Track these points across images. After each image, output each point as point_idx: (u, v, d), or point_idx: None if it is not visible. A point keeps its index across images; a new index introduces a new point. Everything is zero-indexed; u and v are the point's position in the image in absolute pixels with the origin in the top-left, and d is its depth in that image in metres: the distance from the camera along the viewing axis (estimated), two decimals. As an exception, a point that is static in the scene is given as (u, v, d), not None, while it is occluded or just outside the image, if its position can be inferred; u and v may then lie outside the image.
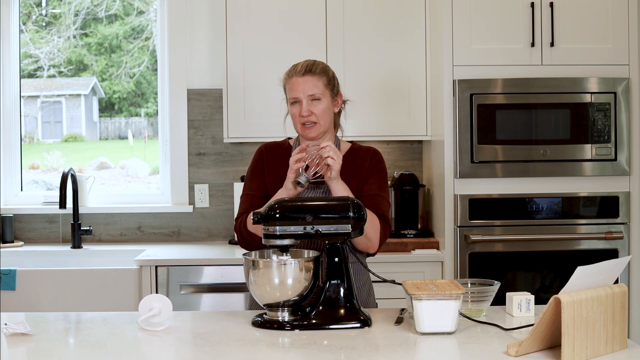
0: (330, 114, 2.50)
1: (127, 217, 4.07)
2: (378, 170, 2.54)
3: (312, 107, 2.46)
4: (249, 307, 2.56)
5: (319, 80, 2.47)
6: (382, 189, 2.52)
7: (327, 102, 2.48)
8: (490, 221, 3.46)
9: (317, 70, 2.47)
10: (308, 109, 2.45)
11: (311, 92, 2.45)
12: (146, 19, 4.40)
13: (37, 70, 4.40)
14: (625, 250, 3.49)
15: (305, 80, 2.46)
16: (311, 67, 2.48)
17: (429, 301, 2.00)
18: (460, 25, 3.46)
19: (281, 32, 3.72)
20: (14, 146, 4.15)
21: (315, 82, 2.46)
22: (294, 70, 2.49)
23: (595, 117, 3.46)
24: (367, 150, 2.58)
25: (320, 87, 2.47)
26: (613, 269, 1.90)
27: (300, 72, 2.47)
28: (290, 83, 2.48)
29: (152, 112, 4.48)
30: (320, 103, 2.47)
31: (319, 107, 2.46)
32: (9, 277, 3.41)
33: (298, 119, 2.48)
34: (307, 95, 2.45)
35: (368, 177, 2.51)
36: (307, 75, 2.46)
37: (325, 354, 1.89)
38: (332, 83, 2.50)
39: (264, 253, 2.28)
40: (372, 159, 2.55)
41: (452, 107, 3.46)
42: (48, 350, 1.97)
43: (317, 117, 2.46)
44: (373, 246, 2.43)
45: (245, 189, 2.57)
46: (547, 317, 1.80)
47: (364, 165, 2.52)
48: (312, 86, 2.45)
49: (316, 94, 2.46)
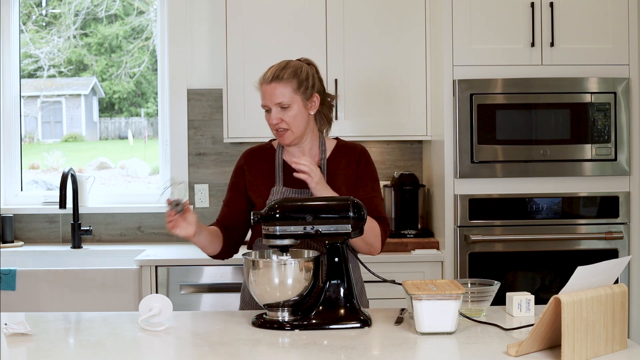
0: (302, 118, 2.44)
1: (127, 217, 4.07)
2: (368, 170, 2.52)
3: (282, 114, 2.42)
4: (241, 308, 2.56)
5: (286, 87, 2.40)
6: (375, 189, 2.51)
7: (298, 108, 2.42)
8: (490, 221, 3.46)
9: (285, 76, 2.41)
10: (277, 117, 2.41)
11: (278, 100, 2.41)
12: (146, 19, 4.40)
13: (37, 70, 4.40)
14: (625, 250, 3.49)
15: (272, 88, 2.41)
16: (279, 72, 2.41)
17: (429, 301, 2.00)
18: (460, 25, 3.46)
19: (281, 32, 3.72)
20: (14, 146, 4.15)
21: (282, 90, 2.40)
22: (263, 77, 2.45)
23: (595, 117, 3.46)
24: (353, 148, 2.55)
25: (288, 95, 2.40)
26: (613, 269, 1.90)
27: (267, 79, 2.43)
28: (261, 91, 2.46)
29: (152, 112, 4.48)
30: (289, 110, 2.42)
31: (289, 114, 2.41)
32: (9, 277, 3.41)
33: (271, 125, 2.45)
34: (275, 104, 2.41)
35: (360, 179, 2.50)
36: (274, 82, 2.41)
37: (325, 354, 1.89)
38: (303, 85, 2.43)
39: (264, 253, 2.28)
40: (360, 159, 2.52)
41: (452, 107, 3.46)
42: (48, 350, 1.97)
43: (287, 124, 2.42)
44: (375, 250, 2.44)
45: (226, 197, 2.60)
46: (547, 317, 1.80)
47: (352, 166, 2.50)
48: (279, 95, 2.40)
49: (283, 102, 2.41)
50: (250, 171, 2.54)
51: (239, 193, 2.56)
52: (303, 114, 2.45)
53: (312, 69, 2.52)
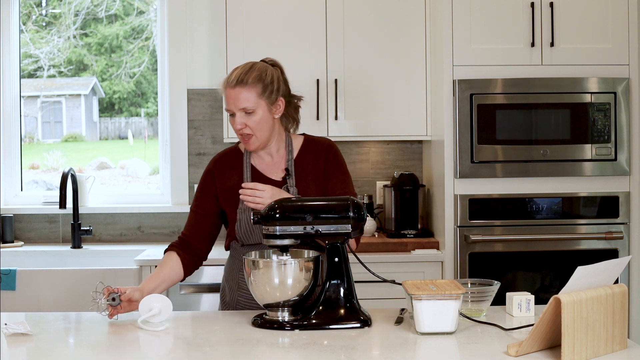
0: (267, 123, 2.41)
1: (127, 217, 4.07)
2: (337, 165, 2.50)
3: (246, 119, 2.38)
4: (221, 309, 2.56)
5: (251, 91, 2.36)
6: (345, 182, 2.49)
7: (263, 112, 2.39)
8: (490, 221, 3.46)
9: (250, 80, 2.36)
10: (241, 122, 2.38)
11: (242, 105, 2.36)
12: (146, 19, 4.40)
13: (37, 70, 4.40)
14: (625, 250, 3.49)
15: (237, 93, 2.36)
16: (244, 76, 2.37)
17: (429, 301, 2.00)
18: (460, 25, 3.46)
19: (281, 31, 3.72)
20: (14, 146, 4.15)
21: (246, 95, 2.36)
22: (227, 81, 2.40)
23: (595, 117, 3.46)
24: (320, 143, 2.53)
25: (252, 100, 2.36)
26: (613, 269, 1.90)
27: (232, 83, 2.37)
28: (225, 94, 2.41)
29: (152, 112, 4.48)
30: (254, 115, 2.38)
31: (253, 119, 2.38)
32: (9, 277, 3.41)
33: (236, 129, 2.41)
34: (239, 109, 2.37)
35: (329, 176, 2.48)
36: (238, 86, 2.36)
37: (325, 354, 1.89)
38: (268, 90, 2.39)
39: (264, 253, 2.28)
40: (327, 155, 2.49)
41: (452, 107, 3.46)
42: (48, 350, 1.97)
43: (252, 129, 2.39)
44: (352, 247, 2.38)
45: (194, 204, 2.54)
46: (547, 317, 1.80)
47: (320, 164, 2.48)
48: (243, 100, 2.36)
49: (248, 107, 2.36)
50: (220, 178, 2.50)
51: (209, 198, 2.51)
52: (268, 119, 2.41)
53: (277, 71, 2.47)
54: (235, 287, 2.49)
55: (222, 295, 2.57)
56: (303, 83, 3.70)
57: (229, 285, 2.52)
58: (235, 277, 2.49)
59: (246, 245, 2.46)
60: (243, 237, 2.45)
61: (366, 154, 4.09)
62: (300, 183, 2.45)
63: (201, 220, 2.51)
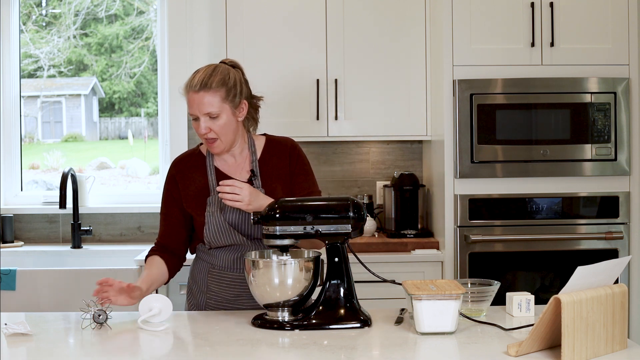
0: (231, 126, 2.39)
1: (127, 217, 4.07)
2: (302, 166, 2.49)
3: (211, 124, 2.36)
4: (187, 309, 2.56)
5: (215, 95, 2.33)
6: (311, 183, 2.49)
7: (227, 116, 2.37)
8: (490, 221, 3.46)
9: (213, 85, 2.33)
10: (206, 127, 2.36)
11: (207, 110, 2.34)
12: (146, 19, 4.40)
13: (37, 70, 4.40)
14: (625, 250, 3.49)
15: (200, 97, 2.33)
16: (207, 80, 2.33)
17: (429, 301, 2.00)
18: (460, 25, 3.46)
19: (281, 32, 3.72)
20: (14, 146, 4.15)
21: (210, 100, 2.33)
22: (190, 84, 2.37)
23: (595, 117, 3.46)
24: (283, 144, 2.51)
25: (216, 104, 2.34)
26: (613, 269, 1.90)
27: (195, 87, 2.34)
28: (187, 98, 2.37)
29: (152, 112, 4.48)
30: (218, 119, 2.36)
31: (218, 124, 2.36)
32: (9, 277, 3.41)
33: (199, 133, 2.39)
34: (204, 113, 2.35)
35: (293, 176, 2.47)
36: (202, 91, 2.33)
37: (325, 354, 1.89)
38: (232, 93, 2.36)
39: (264, 253, 2.28)
40: (291, 155, 2.48)
41: (452, 107, 3.46)
42: (48, 350, 1.97)
43: (216, 133, 2.37)
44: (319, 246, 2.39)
45: (163, 210, 2.52)
46: (547, 317, 1.80)
47: (285, 164, 2.47)
48: (207, 105, 2.33)
49: (212, 112, 2.34)
50: (183, 182, 2.47)
51: (174, 205, 2.49)
52: (232, 122, 2.39)
53: (239, 72, 2.45)
54: (205, 289, 2.49)
55: (188, 296, 2.57)
56: (303, 83, 3.70)
57: (197, 287, 2.53)
58: (204, 279, 2.50)
59: (214, 248, 2.46)
60: (212, 240, 2.43)
61: (366, 154, 4.09)
62: (266, 183, 2.44)
63: (172, 224, 2.50)
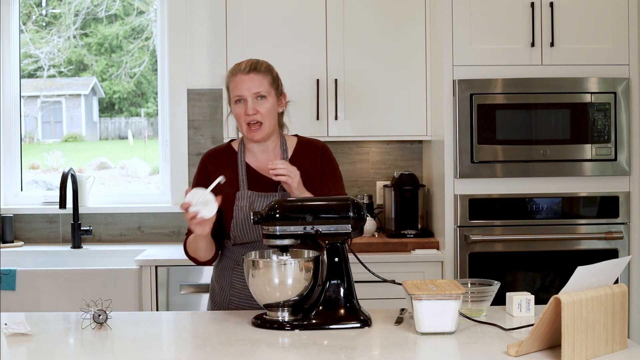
0: (275, 114, 2.45)
1: (127, 217, 4.07)
2: (332, 168, 2.52)
3: (258, 105, 2.40)
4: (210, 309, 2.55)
5: (264, 78, 2.41)
6: (339, 185, 2.51)
7: (273, 101, 2.43)
8: (490, 221, 3.46)
9: (262, 69, 2.42)
10: (253, 108, 2.39)
11: (256, 90, 2.39)
12: (146, 19, 4.40)
13: (37, 70, 4.40)
14: (625, 250, 3.49)
15: (251, 78, 2.40)
16: (256, 65, 2.42)
17: (429, 301, 2.00)
18: (460, 25, 3.46)
19: (281, 32, 3.72)
20: (14, 146, 4.15)
21: (260, 80, 2.40)
22: (238, 69, 2.43)
23: (595, 117, 3.46)
24: (314, 146, 2.53)
25: (266, 85, 2.41)
26: (613, 269, 1.90)
27: (245, 70, 2.41)
28: (235, 81, 2.42)
29: (152, 112, 4.48)
30: (265, 102, 2.41)
31: (265, 106, 2.40)
32: (9, 277, 3.41)
33: (243, 119, 2.41)
34: (253, 93, 2.39)
35: (324, 176, 2.49)
36: (252, 73, 2.40)
37: (325, 354, 1.89)
38: (276, 82, 2.45)
39: (264, 253, 2.28)
40: (322, 156, 2.51)
41: (452, 107, 3.46)
42: (48, 350, 1.97)
43: (262, 116, 2.40)
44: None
45: None
46: (547, 317, 1.80)
47: (316, 166, 2.49)
48: (257, 84, 2.40)
49: (262, 92, 2.40)
50: (215, 173, 2.47)
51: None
52: (275, 110, 2.44)
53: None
54: (228, 286, 2.48)
55: (211, 295, 2.56)
56: (303, 83, 3.70)
57: (219, 285, 2.52)
58: (228, 276, 2.49)
59: (238, 244, 2.46)
60: (238, 236, 2.43)
61: (366, 154, 4.10)
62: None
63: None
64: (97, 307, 2.15)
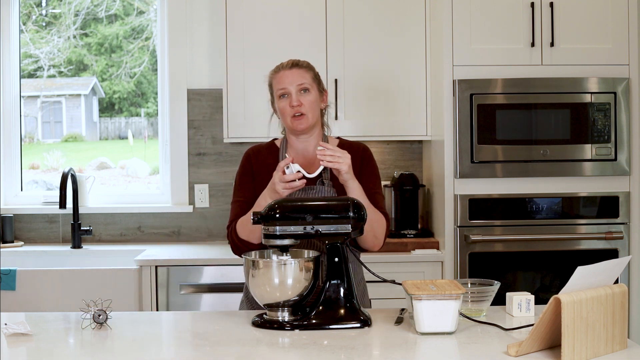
0: (318, 107, 2.52)
1: (127, 217, 4.07)
2: (371, 168, 2.55)
3: (302, 98, 2.47)
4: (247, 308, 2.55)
5: (307, 72, 2.50)
6: (377, 185, 2.54)
7: (315, 95, 2.50)
8: (490, 221, 3.46)
9: (304, 65, 2.52)
10: (297, 99, 2.46)
11: (300, 82, 2.47)
12: (146, 19, 4.40)
13: (37, 70, 4.40)
14: (625, 250, 3.49)
15: (293, 72, 2.48)
16: (297, 61, 2.52)
17: (429, 301, 2.00)
18: (460, 25, 3.46)
19: (281, 32, 3.72)
20: (14, 146, 4.15)
21: (303, 74, 2.49)
22: (280, 66, 2.52)
23: (595, 117, 3.46)
24: (356, 147, 2.57)
25: (309, 79, 2.49)
26: (613, 269, 1.90)
27: (287, 66, 2.50)
28: (278, 77, 2.50)
29: (152, 112, 4.48)
30: (309, 94, 2.48)
31: (308, 98, 2.47)
32: (9, 277, 3.41)
33: (288, 111, 2.47)
34: (296, 86, 2.46)
35: (363, 175, 2.50)
36: (294, 68, 2.49)
37: (325, 354, 1.89)
38: (318, 79, 2.54)
39: (264, 253, 2.28)
40: (363, 156, 2.55)
41: (452, 107, 3.46)
42: (48, 350, 1.97)
43: (306, 108, 2.46)
44: (379, 244, 2.46)
45: (235, 195, 2.54)
46: (547, 317, 1.80)
47: (356, 163, 2.51)
48: (300, 77, 2.47)
49: (305, 84, 2.47)
50: (258, 166, 2.53)
51: (250, 187, 2.51)
52: (318, 103, 2.52)
53: None
54: None
55: (246, 292, 2.55)
56: (303, 83, 3.70)
57: None
58: None
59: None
60: None
61: (366, 154, 4.09)
62: (335, 178, 2.47)
63: (245, 207, 2.47)
64: (97, 307, 2.16)
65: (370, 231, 2.39)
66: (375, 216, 2.39)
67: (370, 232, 2.39)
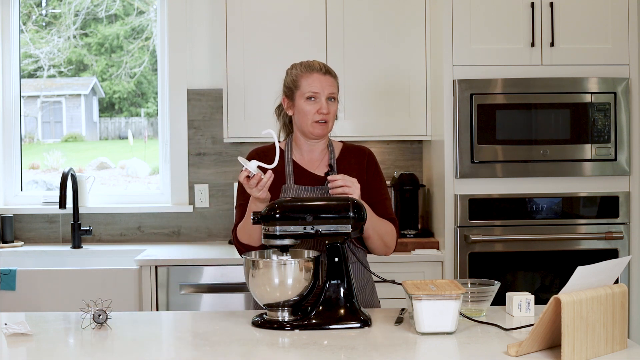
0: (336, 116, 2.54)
1: (127, 217, 4.07)
2: (378, 174, 2.58)
3: (329, 106, 2.48)
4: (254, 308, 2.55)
5: (335, 81, 2.51)
6: (384, 191, 2.56)
7: (337, 104, 2.52)
8: (490, 221, 3.46)
9: (333, 73, 2.52)
10: (327, 107, 2.47)
11: (331, 91, 2.48)
12: (146, 19, 4.40)
13: (37, 70, 4.40)
14: (625, 250, 3.49)
15: (327, 79, 2.48)
16: (329, 68, 2.52)
17: (429, 301, 2.00)
18: (460, 25, 3.46)
19: (281, 32, 3.72)
20: (14, 146, 4.15)
21: (334, 83, 2.50)
22: (312, 67, 2.50)
23: (595, 117, 3.46)
24: (360, 150, 2.59)
25: (337, 89, 2.51)
26: (613, 269, 1.90)
27: (321, 70, 2.49)
28: (311, 78, 2.47)
29: (152, 112, 4.48)
30: (334, 104, 2.50)
31: (333, 108, 2.50)
32: (9, 277, 3.41)
33: (313, 115, 2.46)
34: (328, 93, 2.47)
35: (370, 182, 2.52)
36: (327, 75, 2.49)
37: (325, 354, 1.89)
38: (339, 88, 2.55)
39: (264, 253, 2.28)
40: (369, 162, 2.57)
41: (452, 107, 3.46)
42: (48, 350, 1.97)
43: (330, 116, 2.49)
44: (390, 250, 2.49)
45: (239, 199, 2.53)
46: (547, 317, 1.80)
47: (362, 169, 2.53)
48: (331, 86, 2.48)
49: (335, 94, 2.50)
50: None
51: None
52: (336, 112, 2.54)
53: None
54: None
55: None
56: (303, 83, 3.69)
57: None
58: None
59: None
60: None
61: (366, 154, 4.09)
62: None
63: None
64: (97, 307, 2.16)
65: (381, 243, 2.43)
66: (385, 228, 2.42)
67: (381, 243, 2.43)
